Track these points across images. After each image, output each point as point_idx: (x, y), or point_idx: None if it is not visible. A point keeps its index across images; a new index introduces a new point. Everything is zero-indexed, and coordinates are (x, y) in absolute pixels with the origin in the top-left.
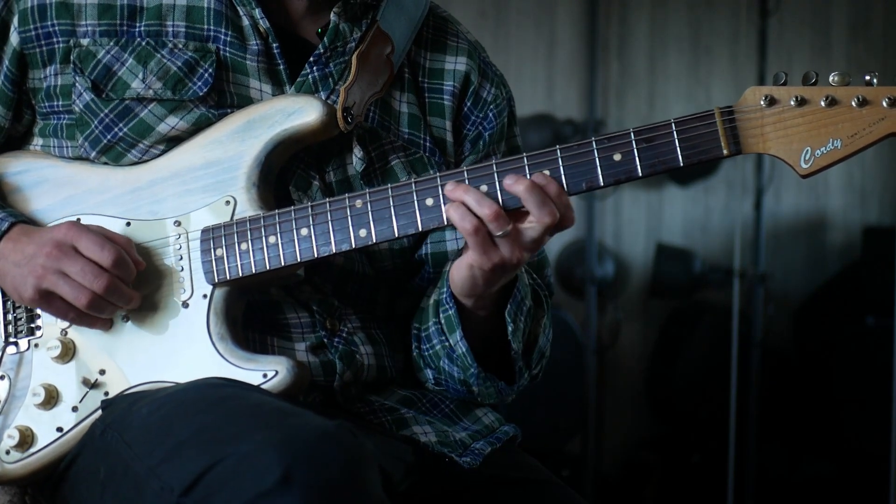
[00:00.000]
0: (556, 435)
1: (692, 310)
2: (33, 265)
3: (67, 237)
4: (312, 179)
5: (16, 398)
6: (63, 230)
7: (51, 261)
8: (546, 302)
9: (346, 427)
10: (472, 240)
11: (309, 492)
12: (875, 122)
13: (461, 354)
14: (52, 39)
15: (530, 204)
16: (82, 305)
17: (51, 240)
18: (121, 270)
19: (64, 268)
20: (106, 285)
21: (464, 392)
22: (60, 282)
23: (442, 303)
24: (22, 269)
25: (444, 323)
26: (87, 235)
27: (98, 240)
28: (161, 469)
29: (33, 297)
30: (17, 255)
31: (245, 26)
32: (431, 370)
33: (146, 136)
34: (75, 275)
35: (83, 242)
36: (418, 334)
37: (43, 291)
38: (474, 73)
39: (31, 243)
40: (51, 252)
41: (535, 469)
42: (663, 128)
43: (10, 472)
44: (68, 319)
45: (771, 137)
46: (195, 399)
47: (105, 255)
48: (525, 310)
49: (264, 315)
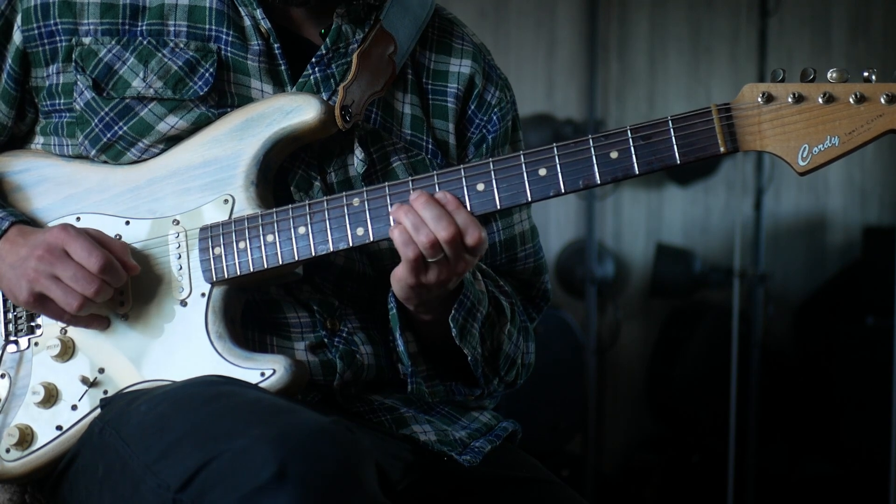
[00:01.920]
0: (556, 435)
1: (692, 310)
2: (25, 268)
3: (58, 241)
4: (314, 180)
5: (16, 396)
6: (55, 233)
7: (42, 264)
8: (511, 310)
9: (341, 423)
10: (407, 263)
11: (304, 486)
12: (873, 119)
13: (400, 353)
14: (55, 38)
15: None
16: (73, 310)
17: (42, 243)
18: (109, 276)
19: (56, 272)
20: (97, 291)
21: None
22: (53, 286)
23: (389, 300)
24: (16, 271)
25: (390, 321)
26: (78, 240)
27: (87, 245)
28: (157, 466)
29: (27, 299)
30: (13, 257)
31: (247, 26)
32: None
33: (146, 135)
34: (67, 280)
35: (73, 247)
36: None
37: (37, 294)
38: (479, 75)
39: (24, 245)
40: (42, 256)
41: (534, 468)
42: (660, 125)
43: (9, 471)
44: (63, 321)
45: (768, 135)
46: (192, 396)
47: (93, 261)
48: (479, 316)
49: (264, 314)
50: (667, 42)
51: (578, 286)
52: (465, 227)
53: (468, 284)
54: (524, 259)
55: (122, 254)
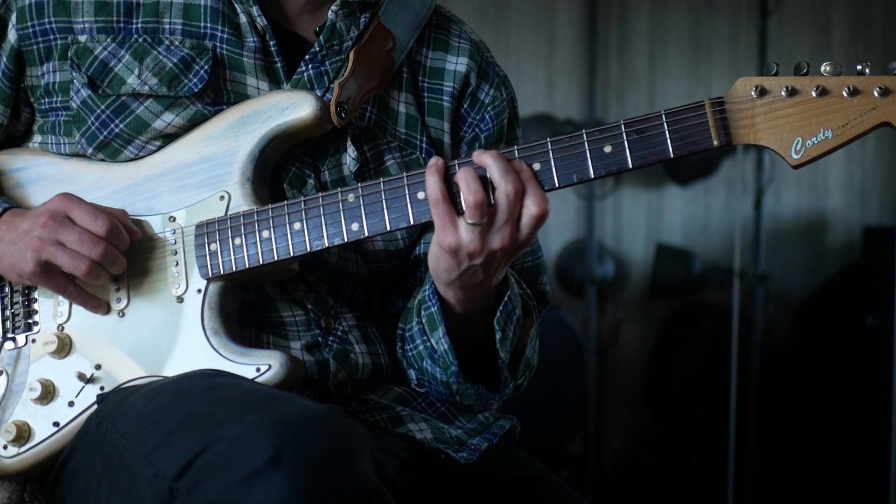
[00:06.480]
0: (556, 435)
1: (692, 310)
2: (30, 238)
3: (61, 207)
4: (308, 178)
5: (13, 393)
6: (56, 201)
7: (47, 231)
8: (535, 311)
9: (336, 409)
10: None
11: (299, 470)
12: (866, 112)
13: (443, 353)
14: (50, 36)
15: (494, 171)
16: (82, 273)
17: (45, 211)
18: (115, 238)
19: (61, 237)
20: (103, 253)
21: (446, 394)
22: (59, 252)
23: (425, 300)
24: (19, 244)
25: (426, 321)
26: (81, 205)
27: (91, 209)
28: (154, 456)
29: (34, 269)
30: (12, 233)
31: (242, 23)
32: (415, 371)
33: (142, 133)
34: (73, 244)
35: (77, 212)
36: (402, 334)
37: (43, 263)
38: (473, 74)
39: (25, 220)
40: (46, 223)
41: (533, 467)
42: (653, 119)
43: (7, 467)
44: (66, 294)
45: (762, 128)
46: (187, 388)
47: (99, 224)
48: (515, 319)
49: (260, 313)
50: (667, 42)
51: (578, 286)
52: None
53: (512, 285)
54: (521, 257)
55: (124, 218)
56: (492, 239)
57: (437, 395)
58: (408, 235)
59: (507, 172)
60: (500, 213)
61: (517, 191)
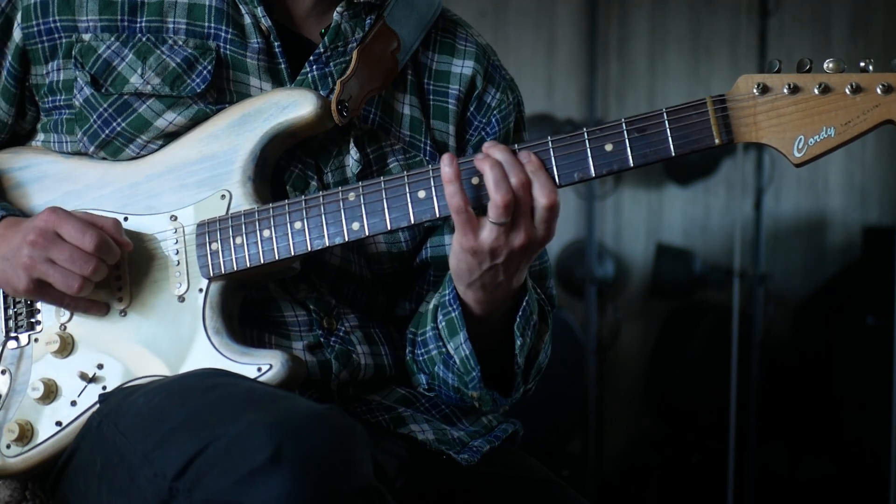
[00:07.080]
0: (556, 435)
1: (692, 310)
2: (20, 256)
3: (49, 224)
4: (311, 180)
5: (16, 392)
6: (44, 217)
7: (36, 250)
8: (549, 317)
9: (337, 409)
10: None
11: (298, 469)
12: (869, 110)
13: (463, 358)
14: (54, 35)
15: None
16: (74, 291)
17: (33, 228)
18: (105, 254)
19: (51, 255)
20: (94, 270)
21: (456, 399)
22: (50, 270)
23: (444, 305)
24: (11, 261)
25: (444, 327)
26: (69, 221)
27: (79, 225)
28: (153, 455)
29: (28, 287)
30: (5, 248)
31: (247, 24)
32: (425, 375)
33: (144, 132)
34: (64, 262)
35: (66, 228)
36: (413, 339)
37: (36, 281)
38: (479, 77)
39: (16, 234)
40: (35, 241)
41: (535, 468)
42: (655, 117)
43: (10, 466)
44: (64, 306)
45: (763, 126)
46: (188, 387)
47: (87, 241)
48: (532, 325)
49: (262, 312)
50: (667, 42)
51: (578, 286)
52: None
53: (530, 290)
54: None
55: (115, 231)
56: (513, 237)
57: (448, 399)
58: (411, 238)
59: (514, 165)
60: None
61: (522, 183)
